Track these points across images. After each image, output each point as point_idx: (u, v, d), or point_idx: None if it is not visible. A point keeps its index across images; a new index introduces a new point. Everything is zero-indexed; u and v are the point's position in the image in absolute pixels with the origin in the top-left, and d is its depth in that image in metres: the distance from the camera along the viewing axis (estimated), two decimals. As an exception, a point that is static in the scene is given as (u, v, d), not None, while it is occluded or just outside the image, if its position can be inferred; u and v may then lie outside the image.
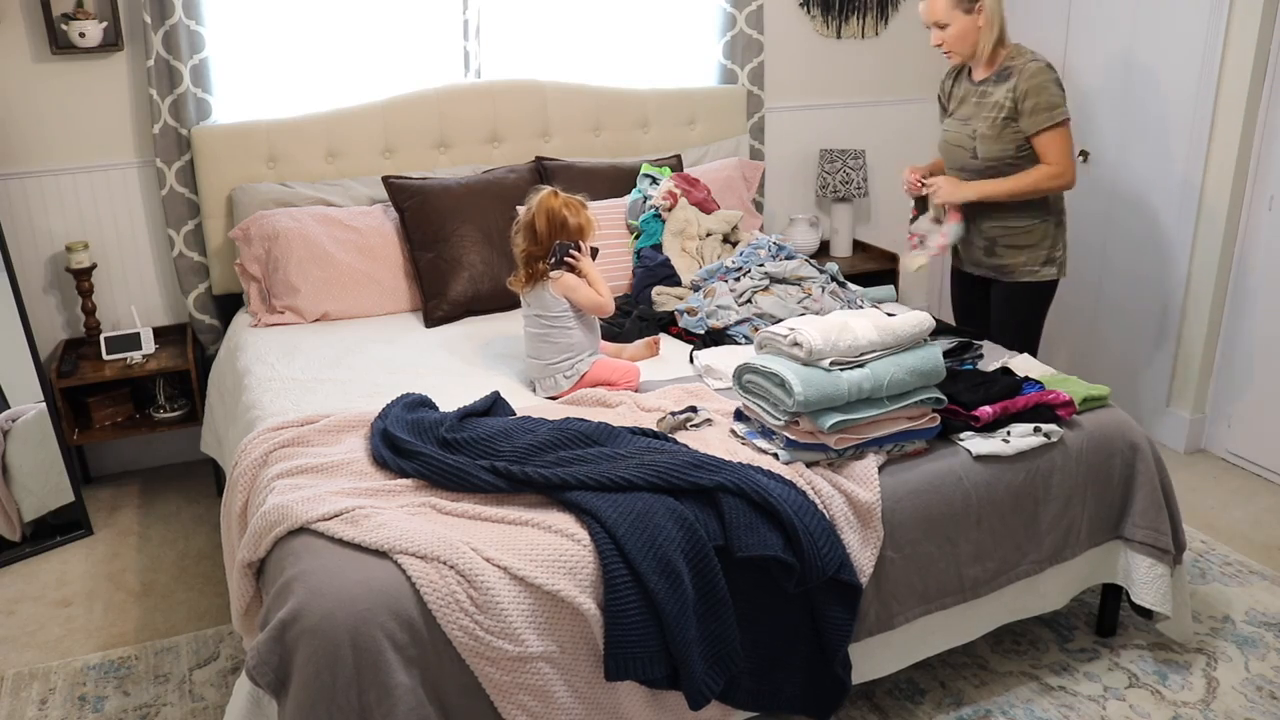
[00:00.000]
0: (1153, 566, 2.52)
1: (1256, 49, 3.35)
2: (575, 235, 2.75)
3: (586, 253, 2.77)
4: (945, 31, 3.00)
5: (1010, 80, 2.98)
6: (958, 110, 3.16)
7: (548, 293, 2.74)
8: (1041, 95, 2.94)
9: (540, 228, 2.74)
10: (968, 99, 3.12)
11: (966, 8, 2.96)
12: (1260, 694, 2.52)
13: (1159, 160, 3.71)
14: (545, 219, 2.74)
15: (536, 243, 2.75)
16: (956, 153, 3.16)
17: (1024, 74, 2.96)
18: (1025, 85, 2.95)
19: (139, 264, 3.63)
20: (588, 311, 2.78)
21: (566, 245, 2.72)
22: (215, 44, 3.48)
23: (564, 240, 2.73)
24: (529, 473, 2.10)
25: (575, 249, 2.73)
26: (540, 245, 2.75)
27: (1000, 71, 3.02)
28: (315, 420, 2.45)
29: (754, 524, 2.06)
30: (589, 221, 2.79)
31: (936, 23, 3.01)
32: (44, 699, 2.58)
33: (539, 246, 2.75)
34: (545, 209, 2.75)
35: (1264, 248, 3.48)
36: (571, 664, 1.95)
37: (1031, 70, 2.95)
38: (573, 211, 2.76)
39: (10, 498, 3.19)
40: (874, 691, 2.52)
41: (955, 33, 2.99)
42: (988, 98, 3.04)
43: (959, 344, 2.71)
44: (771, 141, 4.36)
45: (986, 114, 3.04)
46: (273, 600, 1.90)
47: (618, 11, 3.99)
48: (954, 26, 2.98)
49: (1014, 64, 3.00)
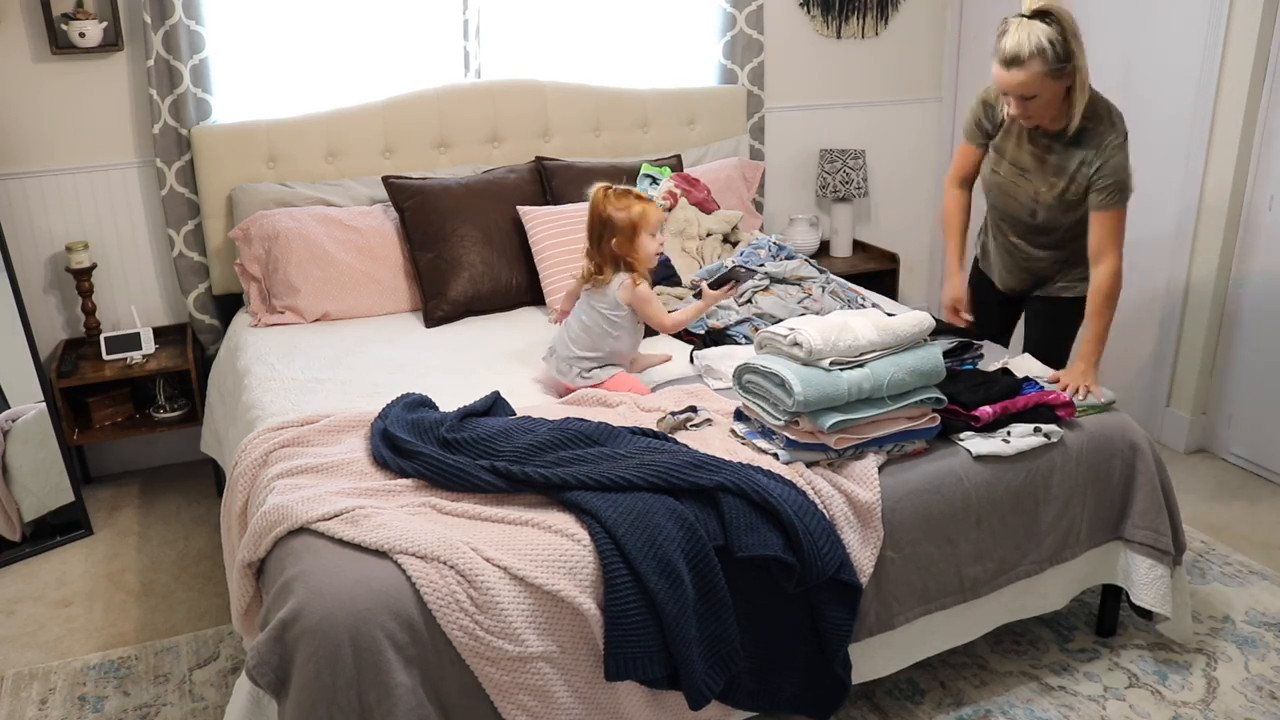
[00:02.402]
0: (1153, 567, 2.52)
1: (1256, 49, 3.35)
2: (623, 230, 2.61)
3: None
4: (1031, 102, 2.54)
5: (1086, 150, 2.62)
6: (1015, 154, 2.77)
7: (611, 293, 2.65)
8: (1119, 175, 2.60)
9: (587, 222, 2.67)
10: (1024, 145, 2.74)
11: (1058, 72, 2.49)
12: (1260, 694, 2.52)
13: (1160, 159, 3.71)
14: (590, 213, 2.66)
15: (592, 241, 2.67)
16: (1011, 204, 2.84)
17: (1105, 150, 2.60)
18: (1108, 163, 2.60)
19: (139, 264, 3.64)
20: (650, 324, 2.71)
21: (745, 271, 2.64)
22: (215, 44, 3.48)
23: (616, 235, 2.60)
24: (529, 473, 2.10)
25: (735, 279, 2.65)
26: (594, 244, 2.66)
27: (1077, 134, 2.63)
28: (315, 420, 2.45)
29: (754, 524, 2.06)
30: (643, 214, 2.61)
31: (1023, 95, 2.54)
32: (44, 699, 2.58)
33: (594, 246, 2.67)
34: (590, 203, 2.66)
35: (1264, 248, 3.48)
36: (571, 664, 1.95)
37: (1114, 145, 2.59)
38: (618, 205, 2.61)
39: (10, 498, 3.19)
40: (874, 691, 2.52)
41: (1043, 102, 2.55)
42: (1055, 159, 2.68)
43: (959, 344, 2.71)
44: (771, 141, 4.36)
45: (1055, 179, 2.69)
46: (273, 600, 1.90)
47: (618, 11, 3.99)
48: (1044, 95, 2.53)
49: (1092, 128, 2.61)
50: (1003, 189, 2.86)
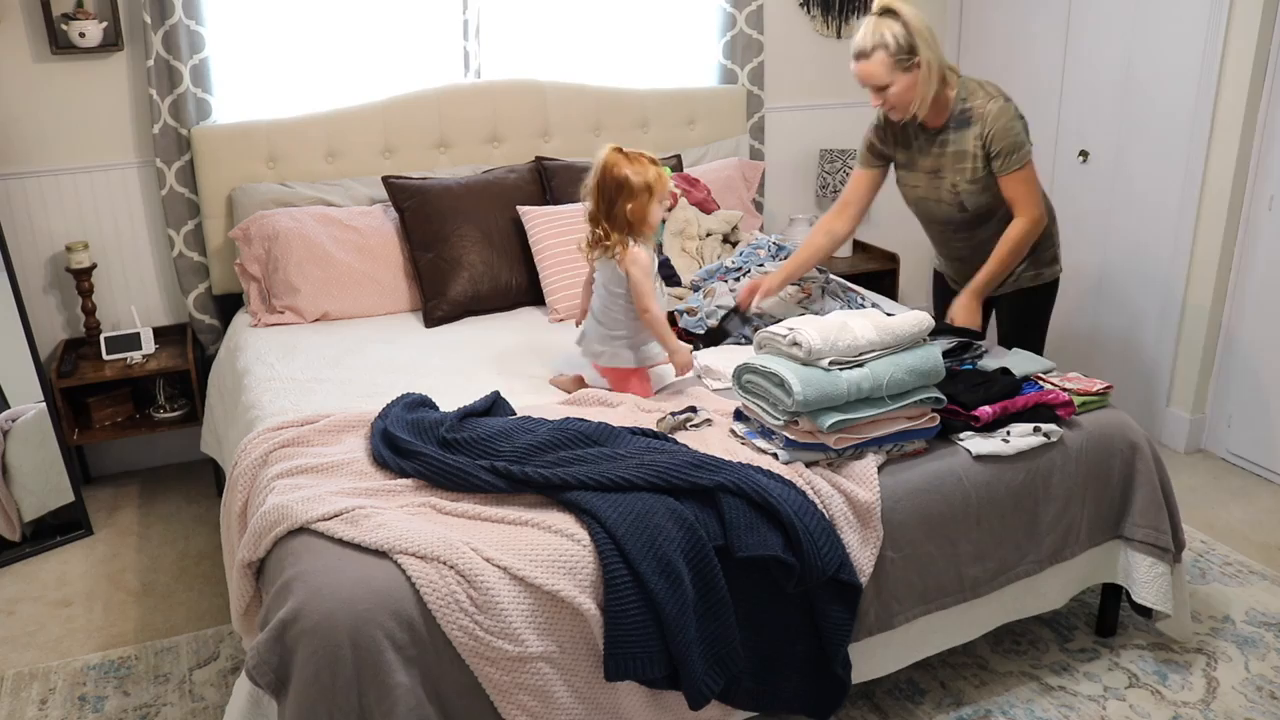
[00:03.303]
0: (1153, 566, 2.52)
1: (1256, 49, 3.35)
2: (639, 193, 2.49)
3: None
4: (886, 93, 2.74)
5: (974, 126, 2.78)
6: (918, 162, 2.92)
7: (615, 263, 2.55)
8: (1007, 137, 2.74)
9: (592, 185, 2.55)
10: (927, 150, 2.89)
11: (906, 64, 2.69)
12: (1260, 694, 2.52)
13: (1159, 160, 3.71)
14: (600, 174, 2.53)
15: (598, 203, 2.54)
16: (939, 208, 2.96)
17: (986, 117, 2.75)
18: (990, 130, 2.75)
19: (139, 264, 3.64)
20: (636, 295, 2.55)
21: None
22: (215, 44, 3.48)
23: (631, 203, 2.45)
24: (529, 473, 2.10)
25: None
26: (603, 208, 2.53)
27: (959, 117, 2.80)
28: (315, 420, 2.45)
29: (754, 524, 2.06)
30: (659, 177, 2.52)
31: (876, 86, 2.75)
32: (44, 699, 2.58)
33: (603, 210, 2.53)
34: (601, 164, 2.53)
35: (1264, 248, 3.48)
36: (571, 664, 1.95)
37: (994, 112, 2.75)
38: (635, 168, 2.50)
39: (10, 498, 3.19)
40: (874, 691, 2.52)
41: (898, 91, 2.72)
42: (955, 148, 2.83)
43: (958, 344, 2.71)
44: (771, 141, 4.36)
45: (962, 165, 2.83)
46: (272, 600, 1.90)
47: (618, 11, 3.99)
48: (895, 86, 2.72)
49: (972, 106, 2.78)
50: (924, 199, 2.98)
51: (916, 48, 2.68)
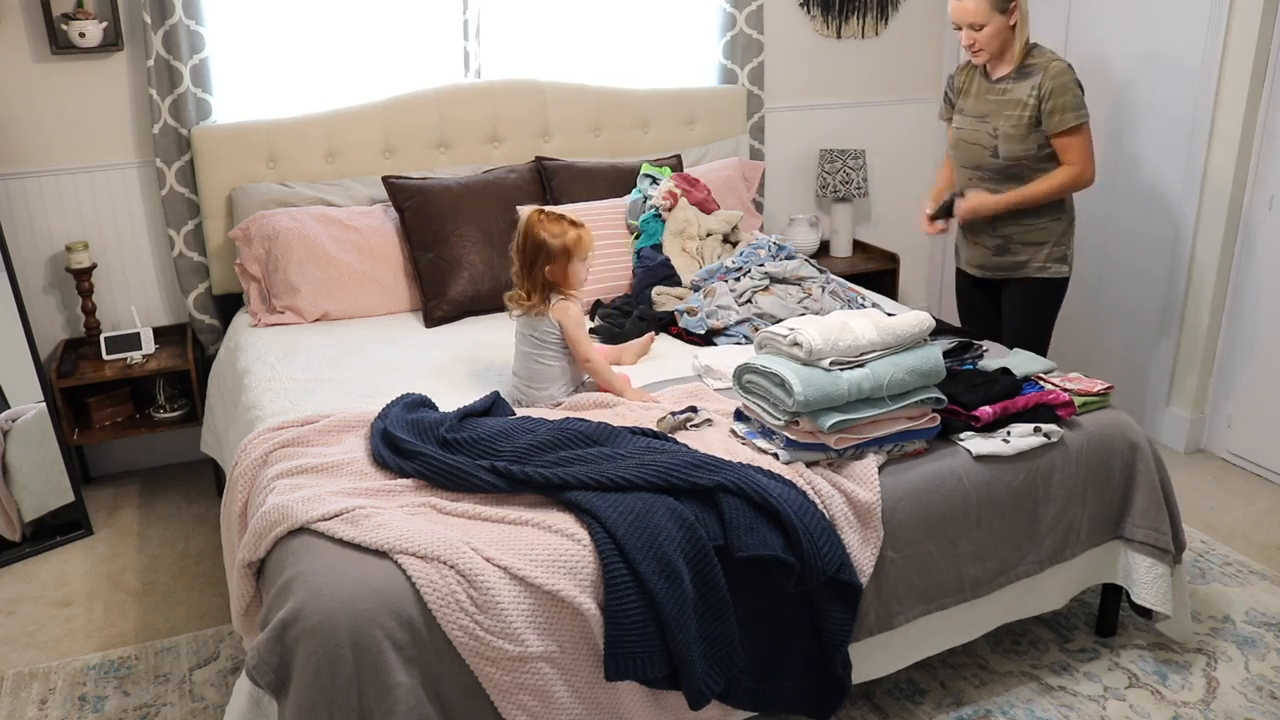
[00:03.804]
0: (1153, 566, 2.52)
1: (1256, 49, 3.35)
2: (558, 256, 2.56)
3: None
4: (979, 32, 2.96)
5: (1033, 78, 2.96)
6: (971, 106, 3.12)
7: (544, 319, 2.60)
8: (1065, 95, 2.92)
9: (516, 245, 2.61)
10: (983, 95, 3.09)
11: (1003, 6, 2.92)
12: (1260, 694, 2.52)
13: (1159, 159, 3.71)
14: (521, 236, 2.59)
15: (523, 266, 2.60)
16: (973, 150, 3.13)
17: (1048, 73, 2.94)
18: (1050, 84, 2.93)
19: (139, 264, 3.64)
20: (572, 348, 2.62)
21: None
22: (215, 44, 3.48)
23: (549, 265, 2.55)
24: (529, 473, 2.10)
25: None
26: (524, 269, 2.60)
27: (1021, 69, 3.00)
28: (315, 420, 2.45)
29: (754, 524, 2.06)
30: (577, 240, 2.57)
31: (971, 24, 2.96)
32: (44, 699, 2.58)
33: (524, 271, 2.60)
34: (521, 227, 2.60)
35: (1264, 248, 3.48)
36: (571, 664, 1.95)
37: (1056, 70, 2.93)
38: (552, 231, 2.55)
39: (10, 498, 3.19)
40: (874, 691, 2.52)
41: (989, 33, 2.95)
42: (1008, 95, 3.01)
43: (959, 344, 2.71)
44: (771, 141, 4.36)
45: (1010, 112, 3.01)
46: (273, 600, 1.90)
47: (618, 11, 3.99)
48: (989, 27, 2.94)
49: (1035, 62, 2.98)
50: (964, 139, 3.16)
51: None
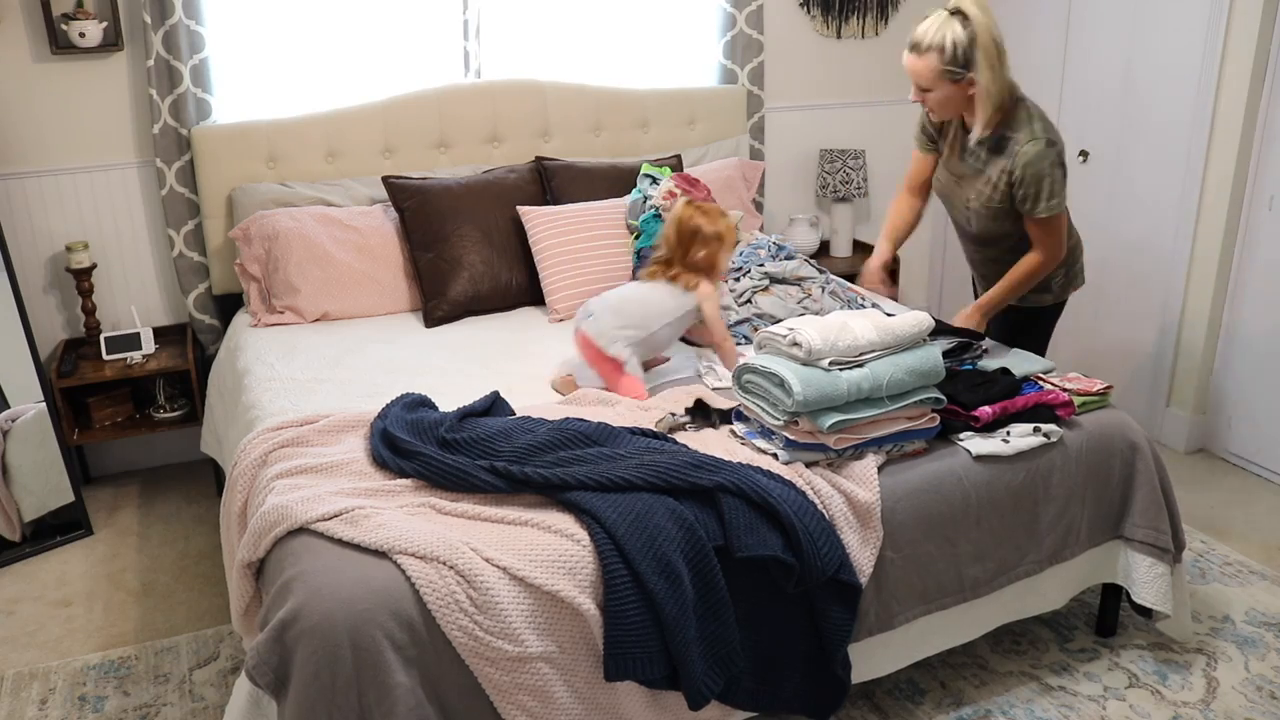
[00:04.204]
0: (1153, 566, 2.52)
1: (1256, 49, 3.35)
2: (711, 243, 2.72)
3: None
4: (927, 95, 2.63)
5: (1005, 158, 2.62)
6: (948, 159, 2.81)
7: (691, 294, 2.72)
8: (1039, 184, 2.59)
9: (670, 235, 2.76)
10: (957, 152, 2.78)
11: (955, 77, 2.55)
12: (1260, 694, 2.52)
13: (1159, 160, 3.71)
14: (674, 227, 2.75)
15: (670, 251, 2.77)
16: (952, 210, 2.92)
17: (1019, 157, 2.58)
18: (1021, 172, 2.59)
19: (139, 264, 3.64)
20: (707, 328, 2.76)
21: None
22: (215, 44, 3.48)
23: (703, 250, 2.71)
24: (528, 473, 2.10)
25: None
26: (673, 254, 2.75)
27: (996, 141, 2.64)
28: (315, 420, 2.45)
29: (753, 524, 2.06)
30: (729, 229, 2.75)
31: (919, 85, 2.63)
32: (44, 699, 2.58)
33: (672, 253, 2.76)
34: (676, 217, 2.76)
35: (1264, 248, 3.48)
36: (571, 664, 1.95)
37: (1030, 155, 2.57)
38: (708, 220, 2.73)
39: (10, 498, 3.19)
40: (874, 691, 2.52)
41: (938, 99, 2.62)
42: (982, 165, 2.70)
43: (958, 344, 2.71)
44: (771, 141, 4.36)
45: (981, 189, 2.71)
46: (272, 600, 1.90)
47: (618, 11, 3.99)
48: (937, 93, 2.60)
49: (1012, 137, 2.61)
50: (944, 195, 2.91)
51: (974, 62, 2.51)
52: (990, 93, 2.55)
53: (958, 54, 2.51)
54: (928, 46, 2.54)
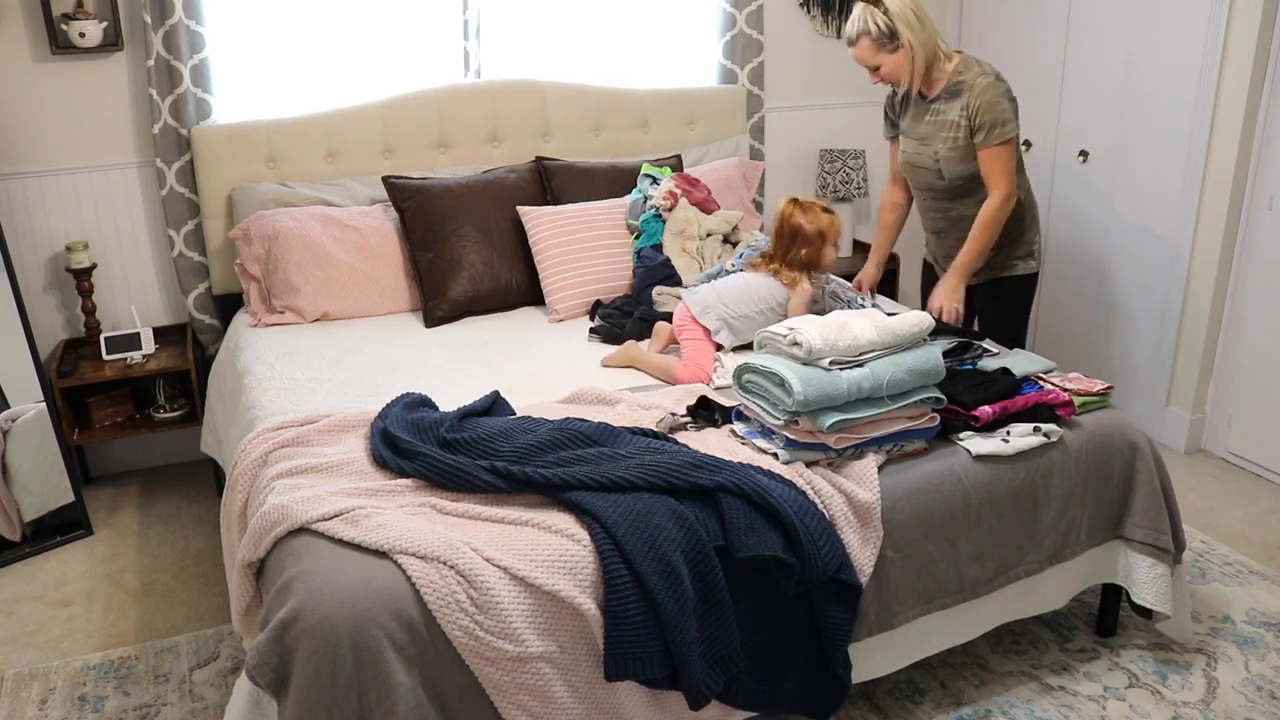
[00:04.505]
0: (1153, 566, 2.52)
1: (1256, 49, 3.34)
2: (814, 240, 2.90)
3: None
4: (879, 71, 2.99)
5: (962, 97, 2.94)
6: (914, 129, 3.11)
7: (782, 288, 2.92)
8: (992, 112, 2.90)
9: (771, 231, 2.99)
10: (921, 118, 3.07)
11: (891, 48, 2.92)
12: (1260, 694, 2.52)
13: (1159, 160, 3.71)
14: (778, 223, 2.95)
15: (779, 250, 2.97)
16: (921, 173, 3.12)
17: (974, 90, 2.92)
18: (976, 102, 2.91)
19: (139, 264, 3.64)
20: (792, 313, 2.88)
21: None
22: (215, 44, 3.48)
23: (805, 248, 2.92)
24: (529, 473, 2.10)
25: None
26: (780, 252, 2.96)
27: (951, 88, 2.98)
28: (315, 420, 2.45)
29: (754, 524, 2.06)
30: (830, 224, 2.92)
31: (867, 66, 3.00)
32: (44, 699, 2.58)
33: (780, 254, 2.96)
34: (779, 214, 2.96)
35: (1264, 248, 3.48)
36: (571, 664, 1.95)
37: (982, 86, 2.91)
38: (808, 218, 2.91)
39: (10, 498, 3.19)
40: (874, 691, 2.52)
41: (889, 70, 2.97)
42: (942, 116, 3.00)
43: (958, 344, 2.71)
44: (771, 141, 4.36)
45: (945, 134, 3.00)
46: (273, 600, 1.90)
47: (617, 11, 3.99)
48: (884, 66, 2.97)
49: (964, 78, 2.95)
50: (911, 163, 3.16)
51: (897, 32, 2.90)
52: (921, 47, 2.93)
53: (883, 29, 2.91)
54: (858, 34, 2.95)
